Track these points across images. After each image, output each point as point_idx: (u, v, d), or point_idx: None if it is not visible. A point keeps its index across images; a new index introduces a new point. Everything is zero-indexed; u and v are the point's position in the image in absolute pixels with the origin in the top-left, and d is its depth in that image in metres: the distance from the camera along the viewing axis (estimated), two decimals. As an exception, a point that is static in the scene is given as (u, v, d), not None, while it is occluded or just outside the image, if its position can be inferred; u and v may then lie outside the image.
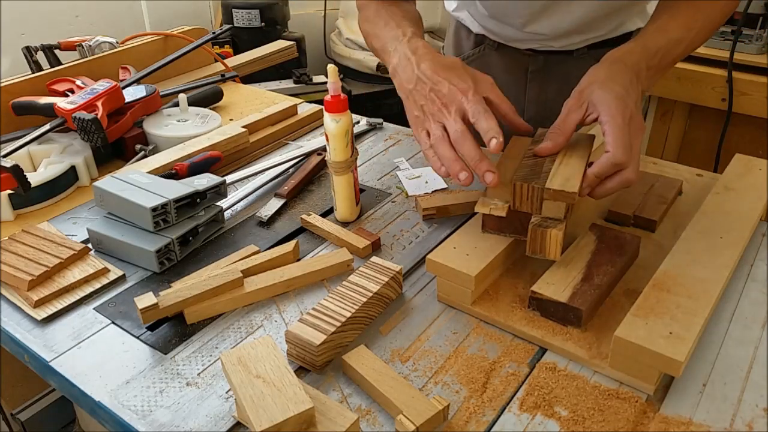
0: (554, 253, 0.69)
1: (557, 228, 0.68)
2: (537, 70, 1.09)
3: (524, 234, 0.70)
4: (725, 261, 0.68)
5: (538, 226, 0.68)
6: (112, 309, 0.74)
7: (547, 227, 0.68)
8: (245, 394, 0.55)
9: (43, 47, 1.22)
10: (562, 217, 0.69)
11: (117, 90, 1.04)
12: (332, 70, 0.79)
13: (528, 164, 0.73)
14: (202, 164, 0.96)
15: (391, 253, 0.82)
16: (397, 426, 0.56)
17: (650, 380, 0.59)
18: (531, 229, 0.69)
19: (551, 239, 0.68)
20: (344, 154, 0.83)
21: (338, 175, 0.84)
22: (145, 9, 2.19)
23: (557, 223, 0.69)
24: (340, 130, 0.81)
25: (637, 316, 0.61)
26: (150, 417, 0.59)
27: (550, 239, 0.68)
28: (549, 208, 0.69)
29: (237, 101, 1.29)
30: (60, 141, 1.03)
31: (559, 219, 0.69)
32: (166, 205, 0.79)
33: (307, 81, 2.24)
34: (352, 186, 0.86)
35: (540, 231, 0.68)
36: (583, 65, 0.81)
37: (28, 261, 0.77)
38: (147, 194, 0.81)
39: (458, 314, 0.71)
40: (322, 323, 0.65)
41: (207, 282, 0.72)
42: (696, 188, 0.90)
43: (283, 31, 2.35)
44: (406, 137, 1.13)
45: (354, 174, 0.86)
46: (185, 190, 0.83)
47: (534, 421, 0.57)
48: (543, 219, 0.69)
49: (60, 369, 0.65)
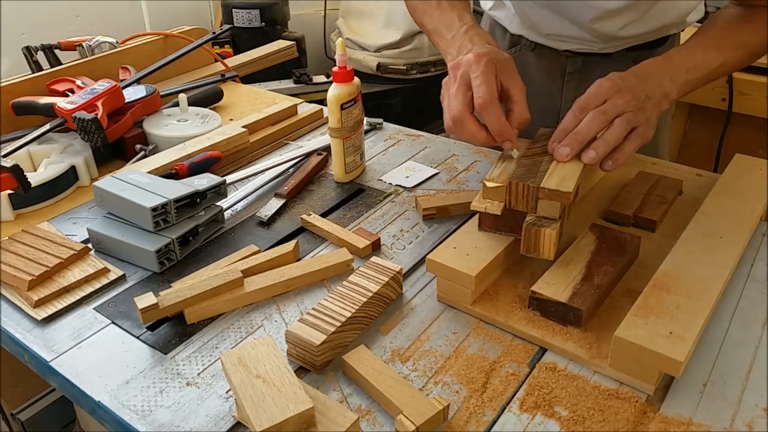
0: (548, 252, 0.69)
1: (551, 227, 0.68)
2: (575, 71, 1.07)
3: (520, 233, 0.70)
4: (725, 261, 0.68)
5: (532, 225, 0.69)
6: (112, 309, 0.74)
7: (541, 226, 0.68)
8: (245, 394, 0.55)
9: (43, 47, 1.22)
10: (557, 216, 0.69)
11: (117, 90, 1.04)
12: (340, 44, 0.89)
13: (525, 163, 0.73)
14: (202, 164, 0.96)
15: (391, 253, 0.82)
16: (397, 426, 0.56)
17: (650, 380, 0.59)
18: (525, 227, 0.69)
19: (545, 238, 0.68)
20: (336, 122, 0.93)
21: (332, 137, 0.95)
22: (145, 9, 2.19)
23: (552, 222, 0.69)
24: (332, 98, 0.91)
25: (637, 316, 0.61)
26: (150, 417, 0.59)
27: (544, 238, 0.68)
28: (544, 207, 0.69)
29: (237, 101, 1.29)
30: (60, 141, 1.03)
31: (554, 219, 0.69)
32: (166, 204, 0.79)
33: (307, 81, 2.24)
34: (343, 152, 0.96)
35: (534, 230, 0.68)
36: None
37: (28, 261, 0.77)
38: (147, 194, 0.81)
39: (458, 314, 0.71)
40: (322, 323, 0.65)
41: (207, 282, 0.72)
42: (696, 188, 0.90)
43: (283, 31, 2.35)
44: (406, 137, 1.13)
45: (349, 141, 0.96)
46: (185, 190, 0.83)
47: (534, 421, 0.57)
48: (538, 218, 0.69)
49: (60, 369, 0.65)
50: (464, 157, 1.05)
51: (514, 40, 1.11)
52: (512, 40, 1.11)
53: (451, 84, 0.76)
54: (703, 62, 0.82)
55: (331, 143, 0.96)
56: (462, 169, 1.02)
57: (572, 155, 0.73)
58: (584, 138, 0.73)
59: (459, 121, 0.74)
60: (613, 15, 0.95)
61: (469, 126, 0.74)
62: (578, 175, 0.70)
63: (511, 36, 1.11)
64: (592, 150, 0.72)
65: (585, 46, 1.03)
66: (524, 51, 1.10)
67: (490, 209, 0.71)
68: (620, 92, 0.74)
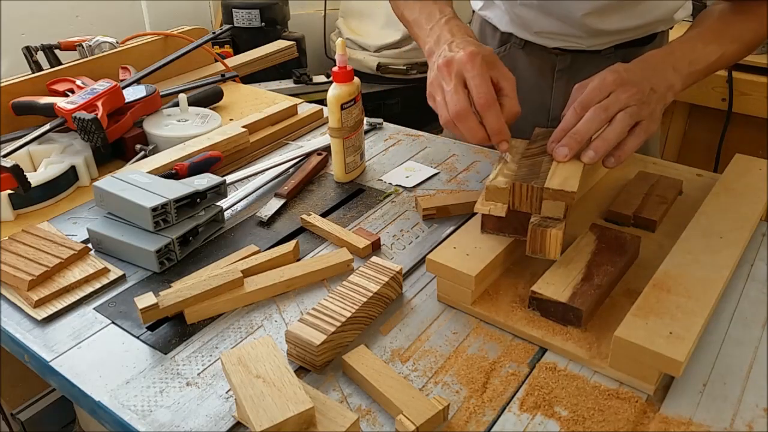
0: (554, 252, 0.69)
1: (557, 228, 0.68)
2: (564, 69, 1.08)
3: (524, 234, 0.70)
4: (725, 261, 0.68)
5: (538, 225, 0.68)
6: (112, 309, 0.74)
7: (547, 227, 0.68)
8: (245, 394, 0.55)
9: (43, 47, 1.22)
10: (561, 216, 0.69)
11: (117, 90, 1.04)
12: (340, 44, 0.89)
13: (526, 164, 0.73)
14: (202, 164, 0.96)
15: (391, 253, 0.82)
16: (397, 426, 0.56)
17: (650, 380, 0.59)
18: (531, 228, 0.69)
19: (551, 239, 0.68)
20: (336, 122, 0.93)
21: (332, 137, 0.95)
22: (145, 9, 2.19)
23: (557, 222, 0.68)
24: (332, 98, 0.91)
25: (637, 316, 0.61)
26: (150, 417, 0.59)
27: (550, 239, 0.68)
28: (548, 207, 0.69)
29: (237, 101, 1.29)
30: (60, 141, 1.03)
31: (558, 218, 0.69)
32: (166, 205, 0.79)
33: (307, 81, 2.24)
34: (343, 152, 0.96)
35: (540, 231, 0.68)
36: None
37: (28, 261, 0.77)
38: (147, 194, 0.81)
39: (458, 314, 0.71)
40: (322, 323, 0.65)
41: (207, 282, 0.72)
42: (696, 188, 0.90)
43: (283, 31, 2.35)
44: (406, 137, 1.13)
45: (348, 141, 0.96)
46: (185, 190, 0.83)
47: (534, 421, 0.57)
48: (542, 219, 0.69)
49: (60, 369, 0.65)
50: (464, 157, 1.05)
51: (503, 38, 1.12)
52: (502, 38, 1.12)
53: (447, 81, 0.76)
54: (703, 55, 0.82)
55: (331, 143, 0.96)
56: (462, 169, 1.02)
57: (571, 155, 0.72)
58: (583, 137, 0.72)
59: (462, 117, 0.74)
60: (602, 11, 0.96)
61: (471, 122, 0.74)
62: (580, 174, 0.70)
63: (501, 34, 1.12)
64: (591, 150, 0.72)
65: (574, 43, 1.04)
66: (514, 49, 1.11)
67: (494, 211, 0.71)
68: (624, 85, 0.73)
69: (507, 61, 1.11)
